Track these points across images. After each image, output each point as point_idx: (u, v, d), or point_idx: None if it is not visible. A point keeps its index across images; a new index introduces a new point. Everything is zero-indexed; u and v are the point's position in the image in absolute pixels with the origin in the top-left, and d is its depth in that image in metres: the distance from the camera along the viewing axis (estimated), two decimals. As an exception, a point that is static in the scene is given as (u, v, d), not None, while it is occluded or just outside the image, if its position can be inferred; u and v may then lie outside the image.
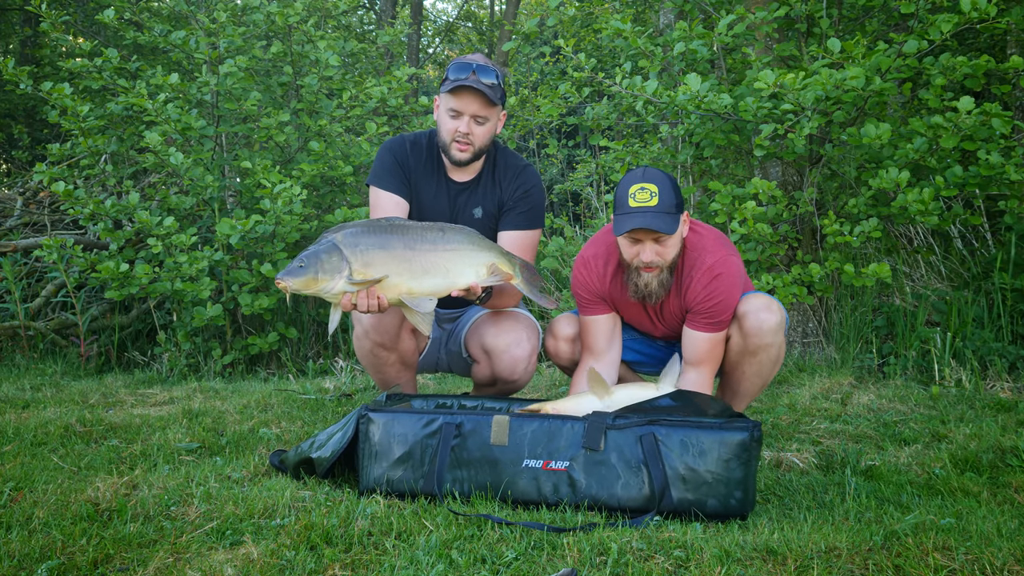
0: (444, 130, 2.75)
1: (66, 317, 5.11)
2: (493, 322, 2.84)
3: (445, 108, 2.74)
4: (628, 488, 2.20)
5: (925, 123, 3.85)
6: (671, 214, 2.46)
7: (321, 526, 2.02)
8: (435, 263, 2.43)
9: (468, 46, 16.02)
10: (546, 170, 8.90)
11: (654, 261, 2.51)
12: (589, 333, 2.76)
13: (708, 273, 2.57)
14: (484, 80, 2.68)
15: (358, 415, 2.39)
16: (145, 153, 4.97)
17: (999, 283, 4.26)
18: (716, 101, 3.98)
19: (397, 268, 2.38)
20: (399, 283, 2.39)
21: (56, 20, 5.09)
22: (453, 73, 2.70)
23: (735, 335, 2.64)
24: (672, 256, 2.54)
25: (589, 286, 2.71)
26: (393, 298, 2.40)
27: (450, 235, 2.47)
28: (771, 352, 2.62)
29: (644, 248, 2.50)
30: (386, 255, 2.37)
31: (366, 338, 2.75)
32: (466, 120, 2.71)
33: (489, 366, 2.84)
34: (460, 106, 2.70)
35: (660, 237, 2.48)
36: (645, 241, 2.49)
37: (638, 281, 2.57)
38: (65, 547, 1.92)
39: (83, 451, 2.80)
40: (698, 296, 2.58)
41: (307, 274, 2.32)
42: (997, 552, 1.86)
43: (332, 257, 2.33)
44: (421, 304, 2.40)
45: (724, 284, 2.57)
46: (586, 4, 6.70)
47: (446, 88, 2.71)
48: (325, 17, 6.07)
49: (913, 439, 3.02)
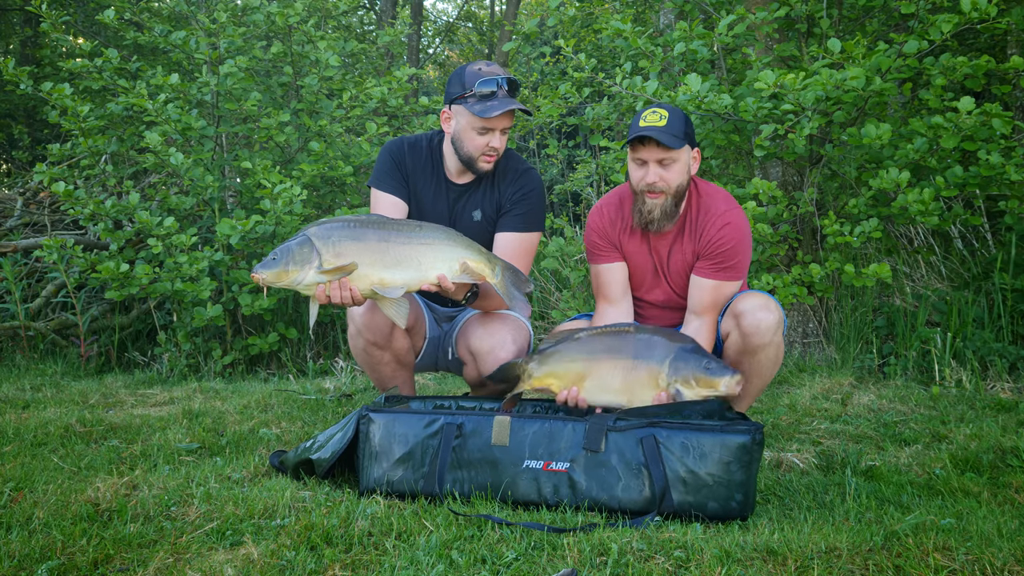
0: (471, 146, 2.72)
1: (66, 317, 5.11)
2: (480, 323, 2.82)
3: (472, 125, 2.69)
4: (628, 490, 2.20)
5: (925, 123, 3.85)
6: (677, 137, 2.56)
7: (321, 526, 2.02)
8: (407, 255, 2.43)
9: (468, 46, 16.03)
10: (546, 170, 8.89)
11: (657, 184, 2.60)
12: (603, 282, 2.83)
13: (722, 218, 2.69)
14: (514, 95, 2.69)
15: (359, 415, 2.39)
16: (145, 153, 4.97)
17: (999, 283, 4.26)
18: (716, 101, 3.98)
19: (369, 258, 2.39)
20: (370, 273, 2.40)
21: (56, 20, 5.09)
22: (481, 88, 2.65)
23: (733, 334, 2.65)
24: (676, 183, 2.62)
25: (603, 231, 2.81)
26: (365, 289, 2.41)
27: (427, 230, 2.47)
28: (769, 351, 2.63)
29: (649, 170, 2.60)
30: (358, 246, 2.39)
31: (359, 337, 2.75)
32: (497, 135, 2.71)
33: (475, 368, 2.82)
34: (493, 124, 2.69)
35: (664, 159, 2.58)
36: (650, 163, 2.59)
37: (643, 207, 2.67)
38: (65, 547, 1.92)
39: (83, 451, 2.80)
40: (711, 238, 2.67)
41: (278, 266, 2.36)
42: (997, 552, 1.86)
43: (303, 249, 2.36)
44: (390, 292, 2.41)
45: (736, 231, 2.68)
46: (586, 4, 6.71)
47: (477, 110, 2.65)
48: (325, 17, 6.07)
49: (913, 439, 3.02)
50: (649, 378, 2.43)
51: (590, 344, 2.49)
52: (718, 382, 2.38)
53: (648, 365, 2.43)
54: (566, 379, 2.48)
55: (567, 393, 2.48)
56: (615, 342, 2.48)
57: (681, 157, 2.61)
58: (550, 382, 2.50)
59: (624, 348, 2.46)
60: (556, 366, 2.50)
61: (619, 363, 2.45)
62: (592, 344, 2.49)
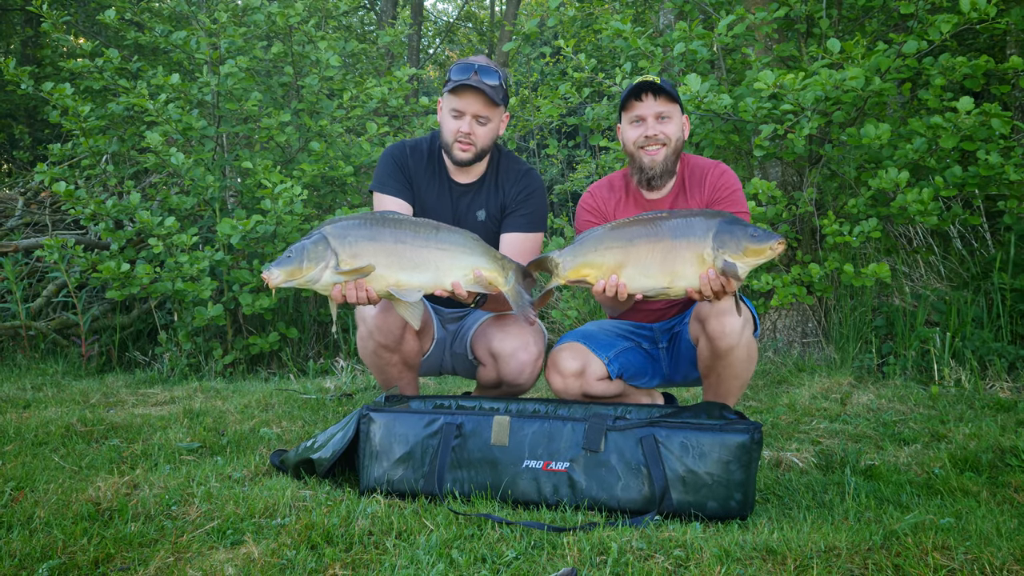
0: (447, 130, 2.78)
1: (67, 317, 5.12)
2: (499, 326, 2.84)
3: (448, 108, 2.77)
4: (628, 490, 2.21)
5: (925, 123, 3.86)
6: (672, 92, 2.71)
7: (322, 525, 2.02)
8: (425, 259, 2.42)
9: (468, 47, 16.03)
10: (546, 170, 8.89)
11: (658, 135, 2.70)
12: None
13: (717, 168, 2.81)
14: (486, 81, 2.71)
15: (359, 415, 2.40)
16: (146, 153, 4.98)
17: (998, 283, 4.27)
18: (716, 101, 3.98)
19: (385, 260, 2.39)
20: (387, 275, 2.39)
21: (57, 20, 5.10)
22: (455, 74, 2.73)
23: (701, 339, 2.65)
24: (674, 136, 2.73)
25: (595, 208, 2.86)
26: (381, 290, 2.41)
27: (444, 234, 2.46)
28: (740, 352, 2.59)
29: (647, 124, 2.71)
30: (374, 246, 2.38)
31: (370, 339, 2.76)
32: (468, 120, 2.74)
33: (495, 369, 2.83)
34: (462, 106, 2.73)
35: (662, 113, 2.70)
36: (648, 118, 2.71)
37: (644, 162, 2.74)
38: (66, 547, 1.92)
39: (84, 451, 2.81)
40: (716, 184, 2.78)
41: (293, 263, 2.34)
42: (996, 552, 1.87)
43: (318, 247, 2.35)
44: (407, 295, 2.41)
45: (733, 175, 2.80)
46: (586, 4, 6.71)
47: (448, 88, 2.74)
48: (326, 18, 6.08)
49: (912, 439, 3.02)
50: (693, 256, 2.33)
51: (625, 231, 2.40)
52: (765, 248, 2.30)
53: (689, 243, 2.33)
54: (603, 269, 2.40)
55: (605, 282, 2.39)
56: (650, 226, 2.38)
57: (676, 114, 2.74)
58: (586, 272, 2.41)
59: (660, 231, 2.36)
60: (591, 255, 2.39)
61: (658, 245, 2.35)
62: (627, 231, 2.40)
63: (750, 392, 3.88)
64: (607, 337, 2.87)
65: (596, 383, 2.77)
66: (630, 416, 2.45)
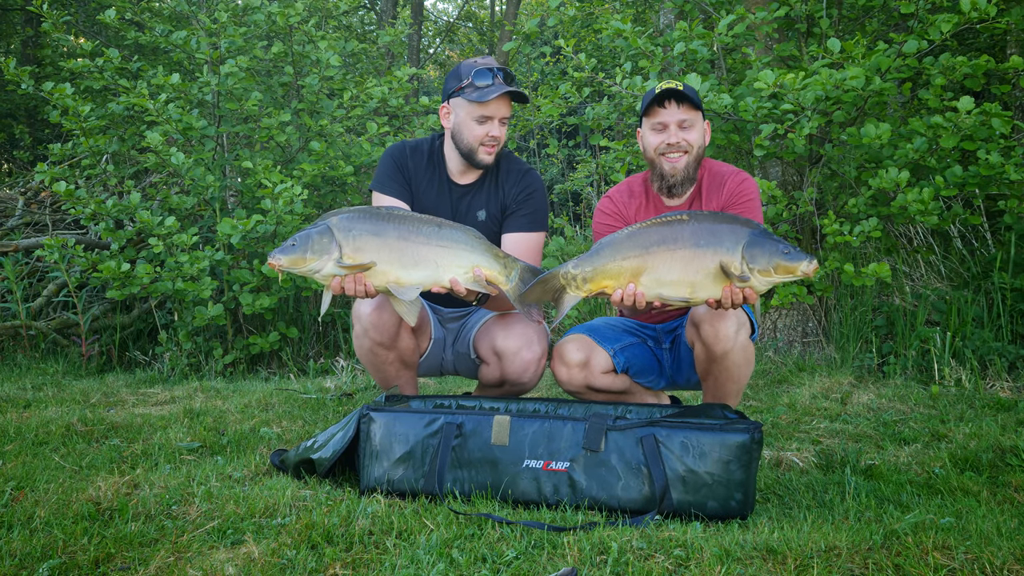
0: (471, 136, 2.76)
1: (67, 317, 5.12)
2: (503, 324, 2.84)
3: (472, 115, 2.74)
4: (628, 489, 2.21)
5: (925, 123, 3.86)
6: (695, 99, 2.70)
7: (322, 525, 2.02)
8: (426, 256, 2.44)
9: (468, 46, 16.02)
10: (546, 170, 8.90)
11: (680, 143, 2.71)
12: None
13: (737, 175, 2.80)
14: (509, 84, 2.73)
15: (359, 414, 2.40)
16: (146, 153, 4.98)
17: (999, 283, 4.26)
18: (716, 101, 3.98)
19: (387, 256, 2.40)
20: (387, 271, 2.41)
21: (57, 20, 5.10)
22: (478, 79, 2.71)
23: (697, 344, 2.64)
24: (696, 143, 2.73)
25: (615, 212, 2.86)
26: (380, 285, 2.42)
27: (446, 231, 2.47)
28: (735, 356, 2.58)
29: (670, 132, 2.71)
30: (378, 242, 2.40)
31: (365, 337, 2.76)
32: (496, 123, 2.75)
33: (499, 368, 2.83)
34: (491, 111, 2.73)
35: (685, 121, 2.70)
36: (671, 125, 2.71)
37: (664, 169, 2.74)
38: (66, 546, 1.93)
39: (84, 450, 2.81)
40: (734, 190, 2.77)
41: (297, 253, 2.38)
42: (997, 551, 1.87)
43: (323, 238, 2.38)
44: (405, 292, 2.42)
45: (753, 186, 2.79)
46: (586, 4, 6.71)
47: (474, 97, 2.71)
48: (326, 17, 6.08)
49: (913, 438, 3.02)
50: (718, 268, 2.26)
51: (643, 237, 2.33)
52: (796, 267, 2.22)
53: (716, 253, 2.26)
54: (620, 278, 2.33)
55: (623, 292, 2.33)
56: (671, 232, 2.30)
57: (699, 121, 2.74)
58: (605, 283, 2.35)
59: (682, 237, 2.28)
60: (608, 265, 2.33)
61: (678, 253, 2.28)
62: (645, 236, 2.32)
63: (750, 392, 3.88)
64: (613, 332, 2.86)
65: (601, 376, 2.76)
66: (630, 416, 2.45)
